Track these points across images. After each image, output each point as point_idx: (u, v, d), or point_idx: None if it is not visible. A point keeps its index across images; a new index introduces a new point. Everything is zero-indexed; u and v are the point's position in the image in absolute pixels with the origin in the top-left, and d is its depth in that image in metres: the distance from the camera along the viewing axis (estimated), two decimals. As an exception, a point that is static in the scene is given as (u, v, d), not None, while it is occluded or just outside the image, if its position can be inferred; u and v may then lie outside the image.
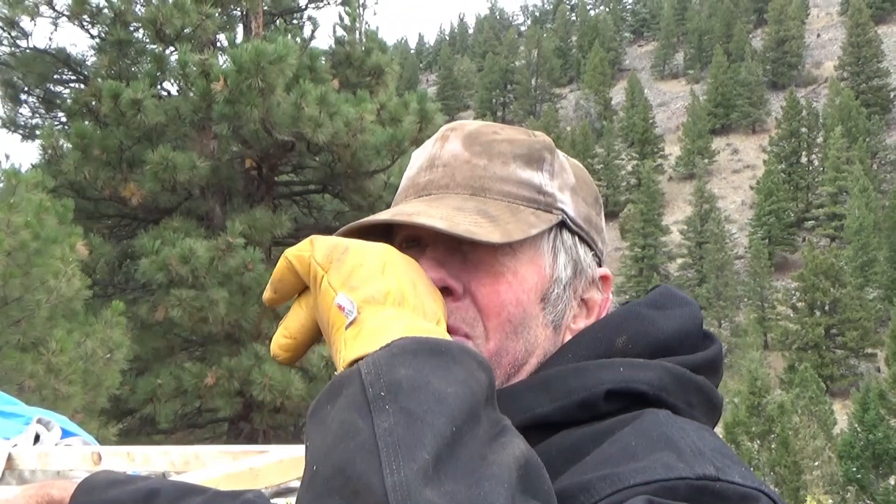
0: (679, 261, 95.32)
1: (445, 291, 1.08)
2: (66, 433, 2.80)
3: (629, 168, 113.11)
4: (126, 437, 12.64)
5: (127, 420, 13.77)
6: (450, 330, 1.07)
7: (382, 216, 1.09)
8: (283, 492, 2.01)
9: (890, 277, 74.10)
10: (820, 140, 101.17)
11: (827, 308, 69.95)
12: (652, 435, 0.91)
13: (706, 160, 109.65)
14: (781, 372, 63.95)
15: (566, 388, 1.02)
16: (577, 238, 1.17)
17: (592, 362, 1.06)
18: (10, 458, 2.47)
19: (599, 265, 1.21)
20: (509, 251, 1.10)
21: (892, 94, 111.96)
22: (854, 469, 38.90)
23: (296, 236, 15.14)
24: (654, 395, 1.02)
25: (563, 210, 1.15)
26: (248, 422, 13.63)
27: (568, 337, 1.15)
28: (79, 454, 2.36)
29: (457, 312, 1.08)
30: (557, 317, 1.13)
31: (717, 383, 1.14)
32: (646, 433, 0.92)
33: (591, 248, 1.19)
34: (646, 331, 1.10)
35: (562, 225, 1.15)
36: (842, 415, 52.38)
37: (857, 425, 40.43)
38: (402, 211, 1.10)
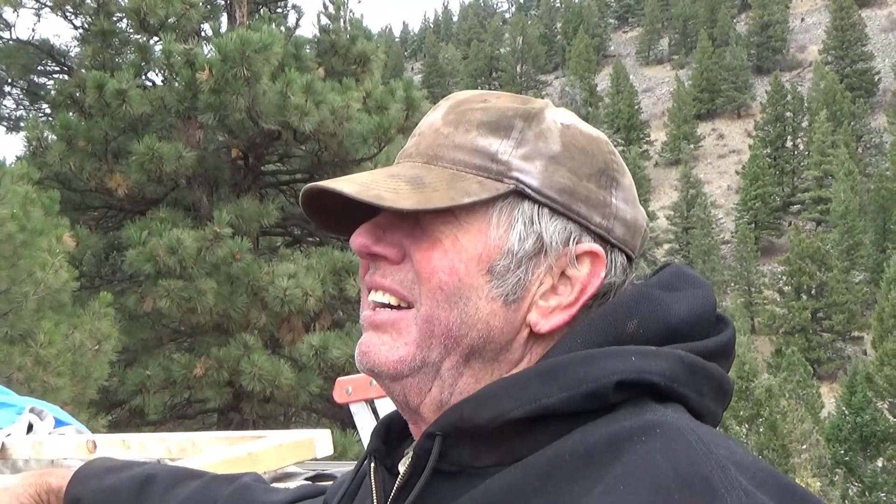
0: (666, 246, 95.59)
1: (382, 258, 1.09)
2: (58, 422, 2.80)
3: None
4: (115, 429, 12.62)
5: (116, 412, 13.76)
6: (387, 291, 1.09)
7: (310, 184, 1.11)
8: (282, 477, 2.01)
9: (875, 260, 74.39)
10: (805, 124, 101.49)
11: (813, 292, 70.25)
12: (693, 482, 0.85)
13: (692, 145, 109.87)
14: (769, 356, 64.27)
15: (575, 377, 0.99)
16: (544, 209, 1.09)
17: (602, 350, 1.02)
18: (3, 448, 2.47)
19: (602, 239, 1.12)
20: (452, 219, 1.06)
21: (876, 78, 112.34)
22: (842, 452, 39.21)
23: (283, 225, 15.13)
24: (666, 386, 0.99)
25: (517, 179, 1.08)
26: (237, 412, 13.62)
27: (533, 313, 1.09)
28: (73, 443, 2.35)
29: (395, 275, 1.08)
30: (509, 291, 1.07)
31: (728, 367, 1.11)
32: (685, 477, 0.86)
33: (573, 221, 1.11)
34: (657, 315, 1.07)
35: (520, 194, 1.09)
36: (829, 398, 52.75)
37: (844, 408, 40.75)
38: (331, 181, 1.09)
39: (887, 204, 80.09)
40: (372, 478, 1.14)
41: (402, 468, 1.08)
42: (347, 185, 1.06)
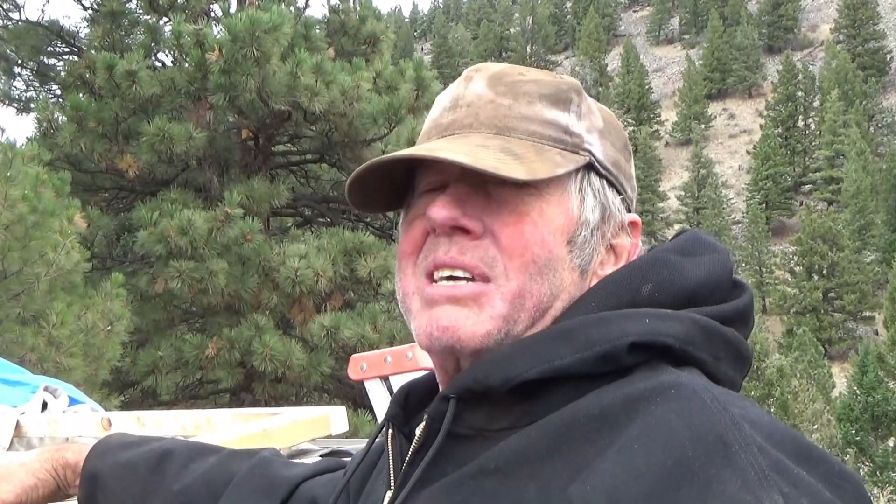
0: (676, 226, 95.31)
1: (462, 231, 1.06)
2: (72, 401, 2.80)
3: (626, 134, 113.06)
4: (128, 410, 12.66)
5: (128, 392, 13.80)
6: (467, 268, 1.06)
7: (404, 152, 1.07)
8: (297, 453, 2.00)
9: (887, 240, 74.29)
10: (816, 104, 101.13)
11: (825, 272, 70.18)
12: (707, 439, 0.85)
13: (703, 125, 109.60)
14: (780, 336, 64.23)
15: (588, 338, 0.98)
16: (605, 181, 1.13)
17: (616, 312, 1.02)
18: (18, 426, 2.47)
19: (629, 211, 1.18)
20: (534, 191, 1.07)
21: (888, 57, 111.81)
22: (853, 431, 39.17)
23: (294, 206, 15.14)
24: (680, 349, 0.99)
25: (590, 151, 1.12)
26: (249, 392, 13.66)
27: (594, 282, 1.11)
28: (89, 420, 2.35)
29: (474, 251, 1.05)
30: (585, 261, 1.10)
31: (747, 334, 1.10)
32: (699, 434, 0.86)
33: (620, 193, 1.16)
34: (673, 279, 1.07)
35: (589, 167, 1.12)
36: (840, 378, 52.75)
37: (855, 388, 40.69)
38: (424, 148, 1.07)
39: (899, 183, 79.88)
40: (389, 444, 1.15)
41: (418, 432, 1.08)
42: (455, 154, 1.03)
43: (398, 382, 3.23)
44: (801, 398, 39.37)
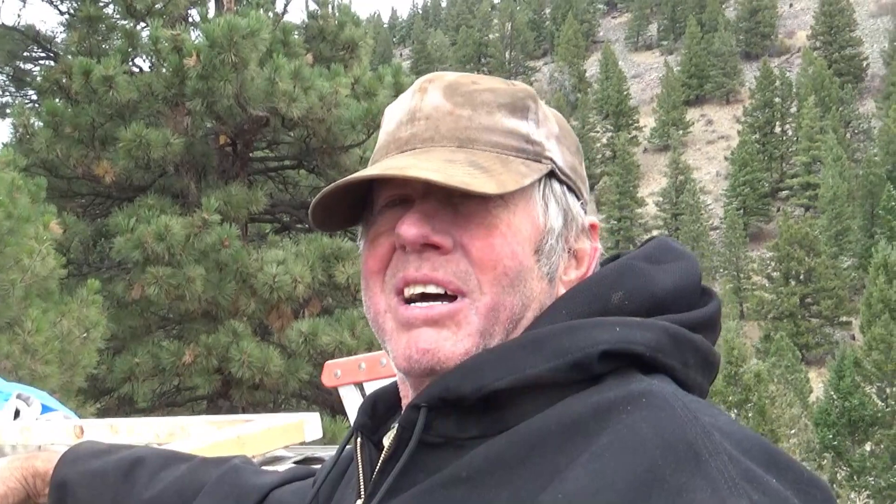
0: (655, 232, 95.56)
1: (432, 247, 1.05)
2: (45, 408, 2.78)
3: (604, 140, 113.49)
4: (104, 417, 12.58)
5: (105, 399, 13.72)
6: (440, 284, 1.05)
7: (372, 171, 1.06)
8: (270, 460, 2.00)
9: (863, 246, 74.68)
10: (793, 110, 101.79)
11: (802, 277, 70.56)
12: (678, 447, 0.85)
13: (681, 131, 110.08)
14: (757, 341, 64.61)
15: (559, 347, 0.99)
16: (565, 187, 1.14)
17: (587, 320, 1.03)
18: (-11, 434, 2.45)
19: (585, 214, 1.18)
20: (501, 203, 1.06)
21: (864, 63, 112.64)
22: (830, 436, 39.40)
23: (272, 212, 15.09)
24: (650, 357, 0.99)
25: (551, 159, 1.12)
26: (227, 399, 13.60)
27: (561, 289, 1.12)
28: (61, 428, 2.34)
29: (447, 266, 1.05)
30: (552, 268, 1.10)
31: (714, 340, 1.11)
32: (669, 442, 0.86)
33: (579, 198, 1.17)
34: (643, 286, 1.07)
35: (551, 174, 1.12)
36: (817, 383, 53.05)
37: (832, 393, 40.94)
38: (392, 166, 1.06)
39: (875, 189, 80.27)
40: (358, 453, 1.15)
41: (387, 442, 1.08)
42: (425, 171, 1.02)
43: (372, 389, 3.22)
44: (779, 403, 39.57)
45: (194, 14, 14.78)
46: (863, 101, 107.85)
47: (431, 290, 1.06)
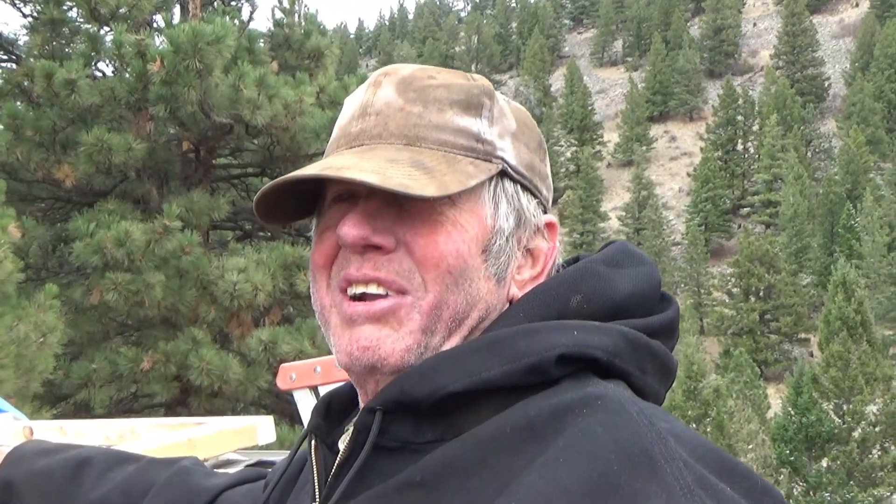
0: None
1: (373, 247, 1.05)
2: (-4, 410, 2.74)
3: (568, 154, 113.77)
4: (60, 423, 12.43)
5: (61, 405, 13.55)
6: (382, 283, 1.05)
7: (310, 170, 1.05)
8: (222, 464, 1.98)
9: (823, 264, 75.37)
10: (756, 128, 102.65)
11: (761, 294, 71.04)
12: (633, 452, 0.85)
13: (644, 147, 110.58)
14: (717, 357, 65.03)
15: (516, 350, 0.98)
16: (519, 186, 1.13)
17: (545, 324, 1.02)
18: (-62, 436, 2.41)
19: (545, 212, 1.17)
20: (447, 201, 1.05)
21: (826, 83, 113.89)
22: (787, 452, 39.65)
23: (234, 220, 15.02)
24: (608, 361, 0.99)
25: (502, 158, 1.11)
26: (185, 406, 13.48)
27: (513, 288, 1.11)
28: (10, 429, 2.31)
29: (389, 265, 1.04)
30: (500, 269, 1.09)
31: (672, 346, 1.11)
32: (624, 447, 0.86)
33: (535, 196, 1.15)
34: (602, 290, 1.07)
35: (502, 174, 1.11)
36: (775, 399, 53.39)
37: (790, 409, 41.19)
38: (332, 165, 1.05)
39: (835, 208, 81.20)
40: (312, 456, 1.13)
41: (342, 445, 1.07)
42: (362, 174, 1.01)
43: (328, 393, 3.20)
44: (737, 418, 39.78)
45: (159, 20, 14.68)
46: (824, 121, 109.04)
47: (373, 290, 1.05)
